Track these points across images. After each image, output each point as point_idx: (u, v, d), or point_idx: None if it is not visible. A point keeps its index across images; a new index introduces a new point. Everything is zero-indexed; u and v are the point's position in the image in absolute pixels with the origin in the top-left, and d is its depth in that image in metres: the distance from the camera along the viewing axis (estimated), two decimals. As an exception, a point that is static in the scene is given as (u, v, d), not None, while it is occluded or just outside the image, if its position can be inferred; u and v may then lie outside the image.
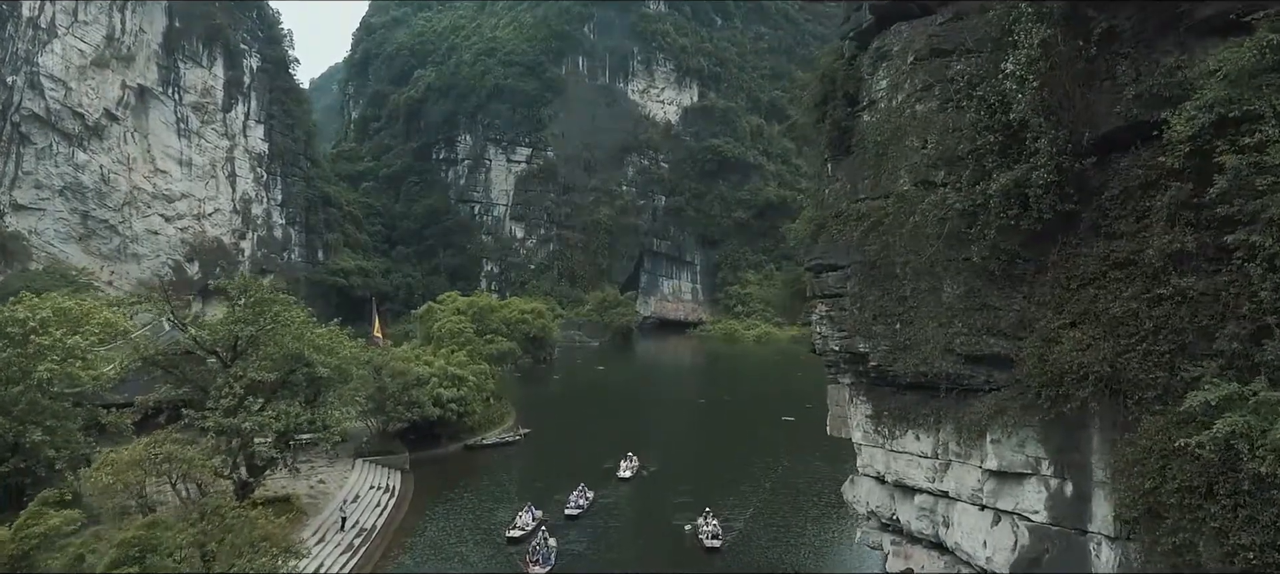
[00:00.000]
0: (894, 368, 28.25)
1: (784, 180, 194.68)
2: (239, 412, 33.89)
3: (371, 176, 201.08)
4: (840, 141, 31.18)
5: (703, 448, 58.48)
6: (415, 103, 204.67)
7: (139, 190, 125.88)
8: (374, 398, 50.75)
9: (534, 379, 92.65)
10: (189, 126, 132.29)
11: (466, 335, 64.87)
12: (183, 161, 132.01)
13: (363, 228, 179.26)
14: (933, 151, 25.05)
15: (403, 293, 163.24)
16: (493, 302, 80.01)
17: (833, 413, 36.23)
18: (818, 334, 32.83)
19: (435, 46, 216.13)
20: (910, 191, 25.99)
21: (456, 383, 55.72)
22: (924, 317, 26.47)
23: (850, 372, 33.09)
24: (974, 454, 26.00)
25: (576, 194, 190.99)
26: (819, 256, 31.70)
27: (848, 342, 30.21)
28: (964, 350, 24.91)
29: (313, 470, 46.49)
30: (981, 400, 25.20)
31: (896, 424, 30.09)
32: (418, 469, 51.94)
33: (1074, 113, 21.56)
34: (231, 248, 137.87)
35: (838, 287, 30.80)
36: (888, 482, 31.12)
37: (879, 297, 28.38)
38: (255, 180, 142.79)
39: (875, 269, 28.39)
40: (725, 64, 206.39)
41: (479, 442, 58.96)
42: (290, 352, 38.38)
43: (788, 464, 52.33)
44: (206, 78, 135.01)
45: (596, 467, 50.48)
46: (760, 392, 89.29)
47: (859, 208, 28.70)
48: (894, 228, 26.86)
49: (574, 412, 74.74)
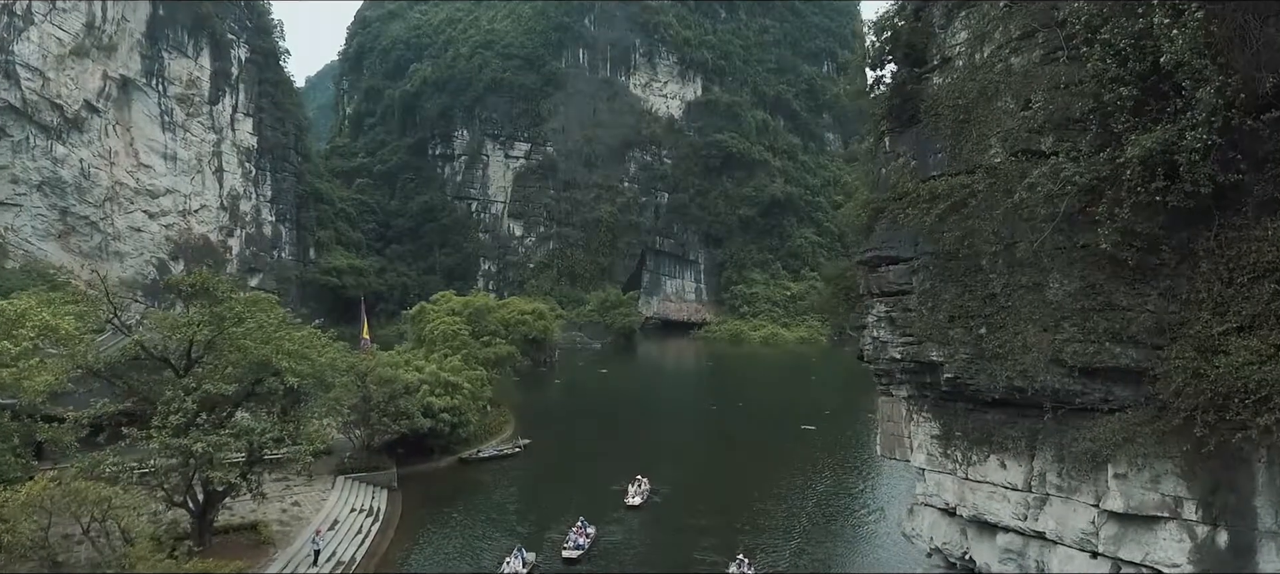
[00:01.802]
0: (975, 381, 23.19)
1: (790, 176, 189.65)
2: (191, 430, 28.76)
3: (365, 173, 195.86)
4: (903, 109, 26.18)
5: (719, 464, 53.13)
6: (411, 97, 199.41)
7: (121, 185, 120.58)
8: (358, 408, 45.64)
9: (534, 383, 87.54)
10: (174, 119, 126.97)
11: (461, 338, 59.80)
12: (167, 156, 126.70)
13: (356, 226, 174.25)
14: (1038, 113, 19.96)
15: (397, 293, 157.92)
16: (490, 302, 75.01)
17: (883, 431, 31.16)
18: (872, 340, 27.80)
19: (431, 40, 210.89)
20: (1006, 164, 20.93)
21: (449, 391, 50.71)
22: (1021, 319, 21.42)
23: (910, 384, 28.09)
24: (1085, 489, 21.05)
25: (577, 191, 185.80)
26: (877, 247, 26.67)
27: (914, 349, 25.21)
28: (1077, 361, 19.86)
29: (288, 490, 41.30)
30: (1099, 423, 20.17)
31: (974, 448, 25.04)
32: (406, 486, 46.92)
33: (1247, 54, 16.55)
34: (218, 246, 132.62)
35: (901, 282, 25.81)
36: (960, 515, 26.06)
37: (958, 294, 23.37)
38: (243, 176, 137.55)
39: (953, 260, 23.39)
40: (729, 57, 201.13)
41: (475, 454, 54.01)
42: (256, 358, 33.27)
43: (824, 485, 46.94)
44: (192, 69, 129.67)
45: (601, 487, 45.21)
46: (773, 397, 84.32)
47: (932, 187, 23.70)
48: (982, 209, 21.87)
49: (576, 420, 69.71)
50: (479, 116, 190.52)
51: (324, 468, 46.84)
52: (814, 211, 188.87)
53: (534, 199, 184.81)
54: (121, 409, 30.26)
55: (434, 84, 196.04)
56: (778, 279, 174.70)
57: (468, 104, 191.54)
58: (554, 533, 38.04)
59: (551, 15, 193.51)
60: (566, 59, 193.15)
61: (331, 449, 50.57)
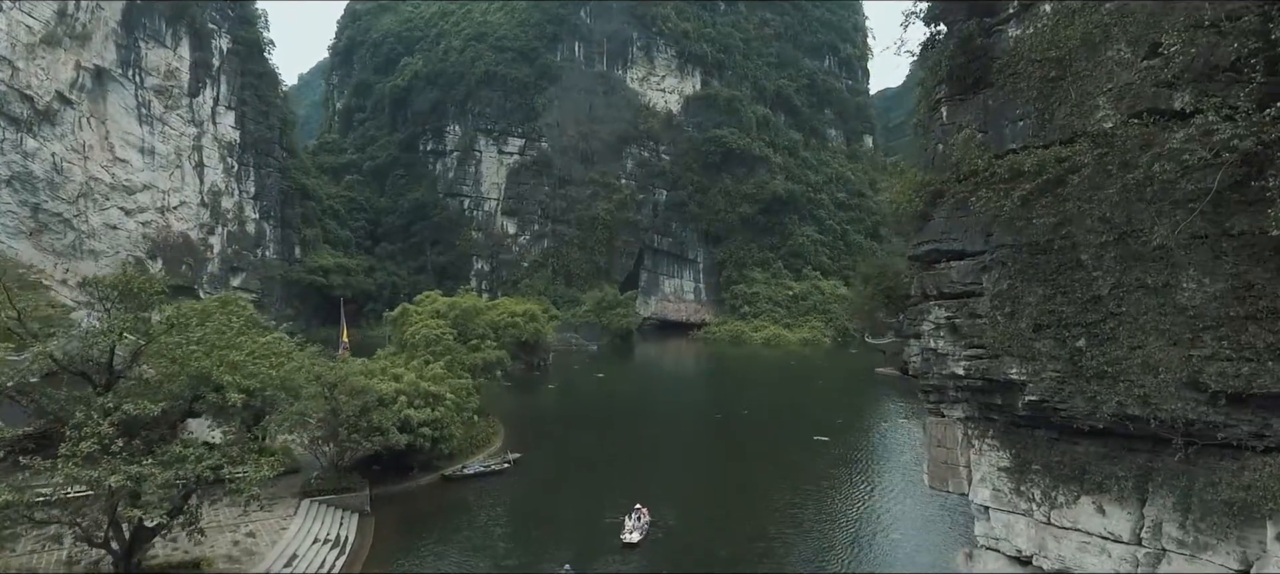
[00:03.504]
0: (1068, 406, 18.50)
1: (792, 173, 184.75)
2: (104, 459, 23.89)
3: (355, 169, 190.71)
4: (966, 71, 21.44)
5: (728, 485, 47.97)
6: (401, 92, 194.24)
7: (96, 181, 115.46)
8: (325, 423, 40.76)
9: (527, 388, 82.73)
10: (151, 112, 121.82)
11: (445, 343, 54.92)
12: (144, 150, 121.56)
13: (344, 223, 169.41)
14: (1173, 60, 15.16)
15: (387, 292, 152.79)
16: (478, 302, 70.03)
17: (933, 457, 26.39)
18: (925, 351, 22.94)
19: (423, 33, 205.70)
20: (1122, 130, 16.19)
21: (431, 402, 45.80)
22: (1140, 329, 16.70)
23: (970, 403, 23.35)
24: (1224, 548, 16.53)
25: (572, 187, 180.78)
26: (935, 239, 21.91)
27: (984, 364, 20.43)
28: (1224, 385, 15.20)
29: (243, 518, 36.29)
30: (1251, 466, 15.57)
31: (1060, 486, 20.29)
32: (381, 509, 42.11)
33: None
34: (199, 244, 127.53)
35: (968, 282, 21.03)
36: (1038, 567, 21.44)
37: (1047, 296, 18.64)
38: (225, 171, 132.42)
39: (1041, 255, 18.67)
40: (729, 51, 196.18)
41: (459, 471, 49.16)
42: (195, 371, 28.37)
43: (853, 512, 41.92)
44: (170, 59, 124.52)
45: (595, 516, 40.25)
46: (780, 403, 79.50)
47: (1013, 162, 18.89)
48: (1086, 189, 17.12)
49: (571, 429, 64.85)
50: (471, 111, 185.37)
51: (288, 490, 42.03)
52: (816, 209, 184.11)
53: (528, 196, 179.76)
54: (25, 433, 25.27)
55: (425, 78, 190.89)
56: (779, 278, 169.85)
57: (460, 98, 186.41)
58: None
59: (546, 7, 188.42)
60: (561, 52, 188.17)
61: (299, 467, 45.87)
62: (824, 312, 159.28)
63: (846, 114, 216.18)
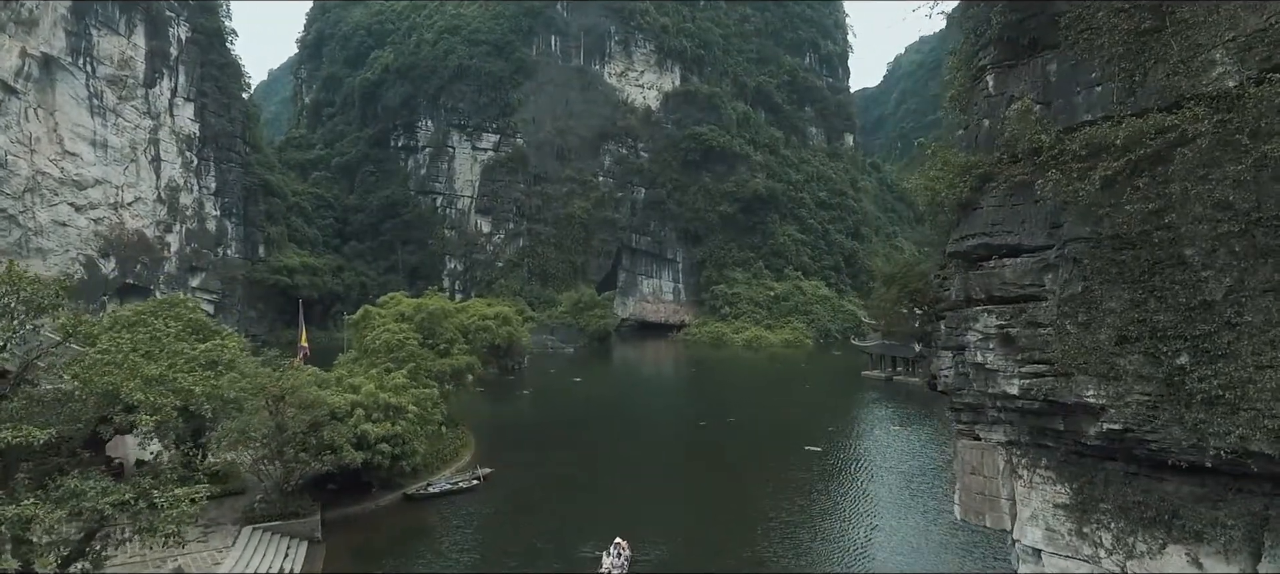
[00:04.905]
0: (1161, 435, 14.95)
1: (773, 171, 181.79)
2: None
3: (323, 166, 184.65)
4: (1021, 29, 17.77)
5: (717, 504, 44.05)
6: (371, 86, 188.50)
7: (44, 175, 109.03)
8: (270, 440, 36.37)
9: (500, 394, 78.51)
10: (104, 103, 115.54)
11: (409, 349, 50.53)
12: (97, 143, 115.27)
13: (312, 221, 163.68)
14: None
15: (356, 293, 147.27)
16: (447, 304, 65.53)
17: (966, 486, 22.75)
18: (971, 365, 19.24)
19: (394, 25, 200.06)
20: (1254, 90, 12.62)
21: (391, 414, 41.47)
22: (1270, 342, 13.12)
23: (1018, 427, 19.75)
24: (1378, 624, 12.77)
25: (548, 185, 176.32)
26: (983, 231, 18.22)
27: (1049, 383, 16.75)
28: (1396, 419, 11.63)
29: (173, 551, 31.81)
30: None
31: (1139, 531, 16.73)
32: (334, 536, 37.80)
33: None
34: (155, 242, 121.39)
35: (1026, 283, 17.33)
36: (1108, 627, 17.87)
37: (1136, 301, 15.00)
38: (184, 166, 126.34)
39: (1128, 249, 15.03)
40: (709, 46, 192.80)
41: (423, 489, 44.93)
42: (100, 389, 23.98)
43: (858, 535, 38.18)
44: (124, 47, 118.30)
45: (572, 543, 36.23)
46: (766, 409, 75.99)
47: (1093, 136, 15.18)
48: (1196, 166, 13.51)
49: (546, 440, 60.73)
50: (444, 106, 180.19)
51: (229, 515, 37.69)
52: (797, 209, 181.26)
53: (503, 194, 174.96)
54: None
55: (396, 71, 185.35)
56: (760, 278, 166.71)
57: (432, 93, 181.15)
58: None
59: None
60: (537, 46, 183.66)
61: (245, 488, 41.41)
62: (806, 312, 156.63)
63: (827, 112, 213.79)
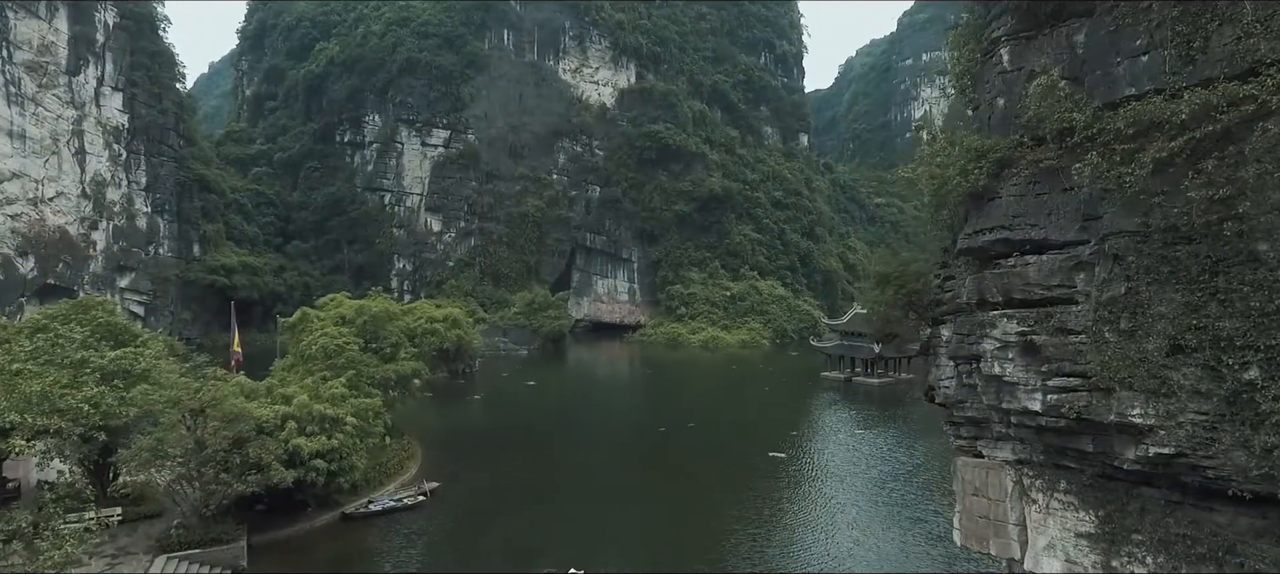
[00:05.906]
0: (1222, 461, 12.87)
1: (729, 171, 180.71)
2: None
3: (264, 161, 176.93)
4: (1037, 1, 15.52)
5: (681, 519, 41.57)
6: (316, 78, 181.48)
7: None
8: (188, 458, 32.66)
9: (449, 400, 74.95)
10: (21, 91, 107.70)
11: (348, 355, 46.87)
12: (14, 134, 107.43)
13: (252, 219, 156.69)
14: None
15: (298, 294, 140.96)
16: (392, 306, 61.67)
17: (968, 509, 20.61)
18: (984, 376, 16.99)
19: (340, 17, 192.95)
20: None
21: (327, 427, 37.96)
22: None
23: (1032, 445, 17.64)
24: None
25: (501, 183, 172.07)
26: (1002, 224, 15.99)
27: (1084, 399, 14.54)
28: None
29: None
30: None
31: (1183, 568, 14.72)
32: (261, 562, 34.26)
33: None
34: (79, 239, 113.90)
35: (1054, 284, 15.15)
36: (1139, 675, 15.81)
37: (1193, 305, 12.89)
38: (111, 159, 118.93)
39: (1183, 244, 12.93)
40: (665, 44, 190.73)
41: (364, 507, 41.54)
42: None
43: (836, 548, 36.00)
44: (45, 32, 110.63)
45: (525, 561, 33.41)
46: (726, 413, 73.96)
47: (1139, 112, 13.08)
48: (1274, 144, 11.46)
49: (498, 448, 57.57)
50: (392, 100, 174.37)
51: (142, 543, 33.79)
52: (753, 208, 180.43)
53: (453, 191, 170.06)
54: None
55: (342, 64, 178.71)
56: (716, 279, 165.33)
57: (380, 86, 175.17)
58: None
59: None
60: (490, 40, 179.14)
61: (162, 511, 37.47)
62: (762, 312, 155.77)
63: (782, 111, 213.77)
